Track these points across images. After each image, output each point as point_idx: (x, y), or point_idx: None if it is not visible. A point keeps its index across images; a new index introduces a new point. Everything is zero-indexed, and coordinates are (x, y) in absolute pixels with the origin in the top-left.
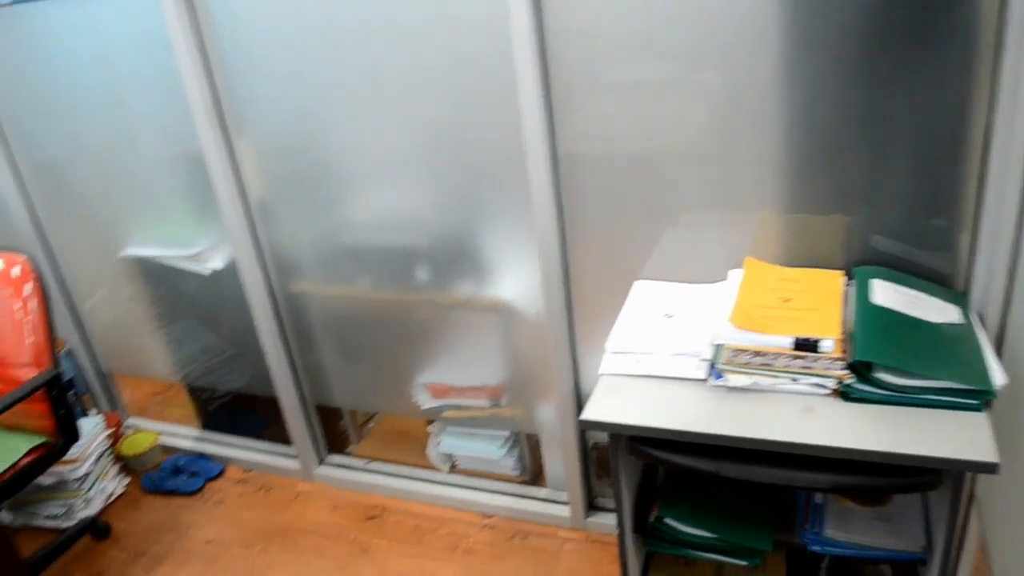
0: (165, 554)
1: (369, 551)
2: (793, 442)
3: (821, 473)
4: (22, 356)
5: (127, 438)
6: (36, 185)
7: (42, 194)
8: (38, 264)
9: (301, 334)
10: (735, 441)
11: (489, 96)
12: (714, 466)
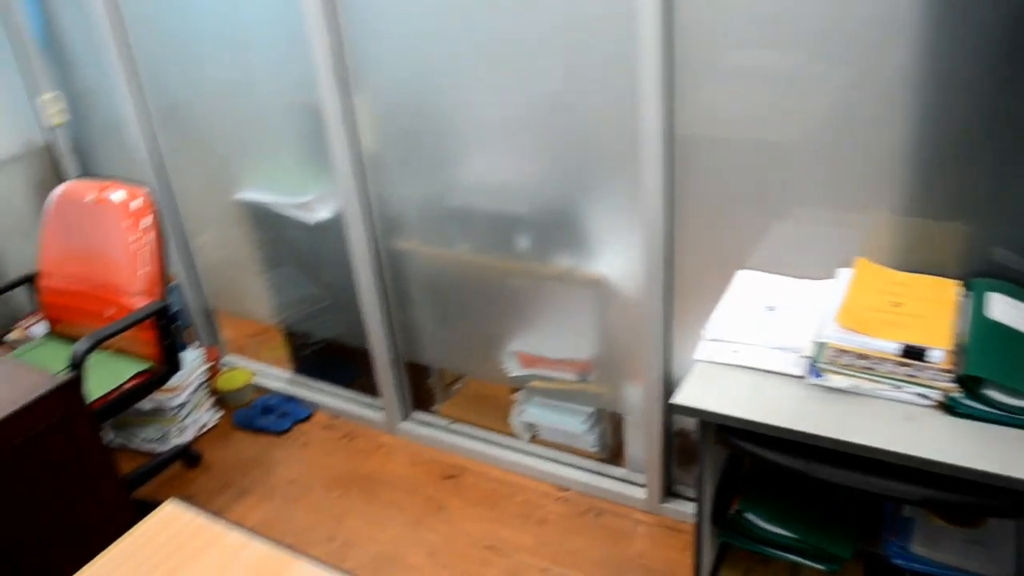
0: (250, 487)
1: (444, 509)
2: (892, 451)
3: (916, 486)
4: (135, 285)
5: (223, 374)
6: (161, 124)
7: (166, 133)
8: (157, 199)
9: (398, 291)
10: (830, 443)
11: (608, 69)
12: (805, 466)
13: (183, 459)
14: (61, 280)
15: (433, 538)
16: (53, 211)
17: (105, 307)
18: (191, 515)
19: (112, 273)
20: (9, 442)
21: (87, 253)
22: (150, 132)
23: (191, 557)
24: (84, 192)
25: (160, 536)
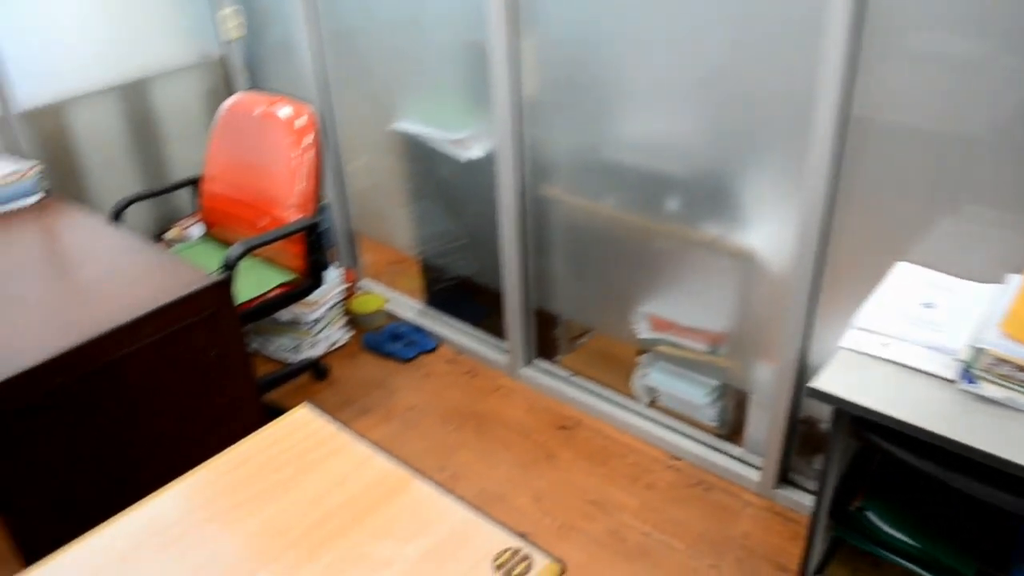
0: (371, 408)
1: (554, 458)
2: None
3: None
4: (290, 199)
5: (358, 296)
6: (331, 48)
7: (335, 57)
8: (320, 119)
9: (539, 238)
10: (979, 455)
11: (788, 37)
12: (943, 473)
13: (312, 371)
14: (222, 186)
15: (540, 484)
16: (223, 120)
17: (260, 217)
18: (322, 422)
19: (270, 185)
20: (163, 329)
21: (249, 164)
22: (320, 55)
23: (318, 461)
24: (253, 105)
25: (292, 437)
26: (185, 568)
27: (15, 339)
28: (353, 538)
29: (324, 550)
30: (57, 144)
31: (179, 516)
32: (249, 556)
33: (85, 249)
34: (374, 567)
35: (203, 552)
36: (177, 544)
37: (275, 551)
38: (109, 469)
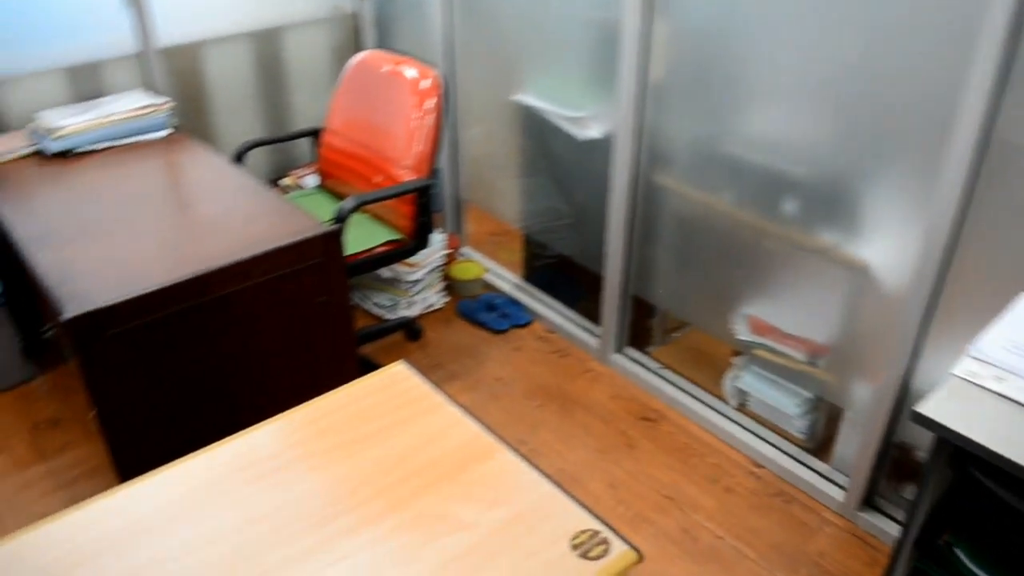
0: (459, 374)
1: (634, 448)
2: None
3: None
4: (406, 160)
5: (458, 263)
6: (461, 13)
7: (463, 23)
8: (444, 83)
9: (646, 225)
10: None
11: (932, 45)
12: None
13: (406, 331)
14: (341, 140)
15: (617, 472)
16: (350, 75)
17: (374, 174)
18: (417, 381)
19: (389, 144)
20: (273, 271)
21: (370, 121)
22: (449, 19)
23: (410, 418)
24: (381, 63)
25: (387, 391)
26: (273, 502)
27: (136, 264)
28: (436, 497)
29: (407, 504)
30: (189, 83)
31: (272, 453)
32: (335, 500)
33: (207, 186)
34: (454, 528)
35: (292, 490)
36: (267, 479)
37: (360, 499)
38: (208, 399)
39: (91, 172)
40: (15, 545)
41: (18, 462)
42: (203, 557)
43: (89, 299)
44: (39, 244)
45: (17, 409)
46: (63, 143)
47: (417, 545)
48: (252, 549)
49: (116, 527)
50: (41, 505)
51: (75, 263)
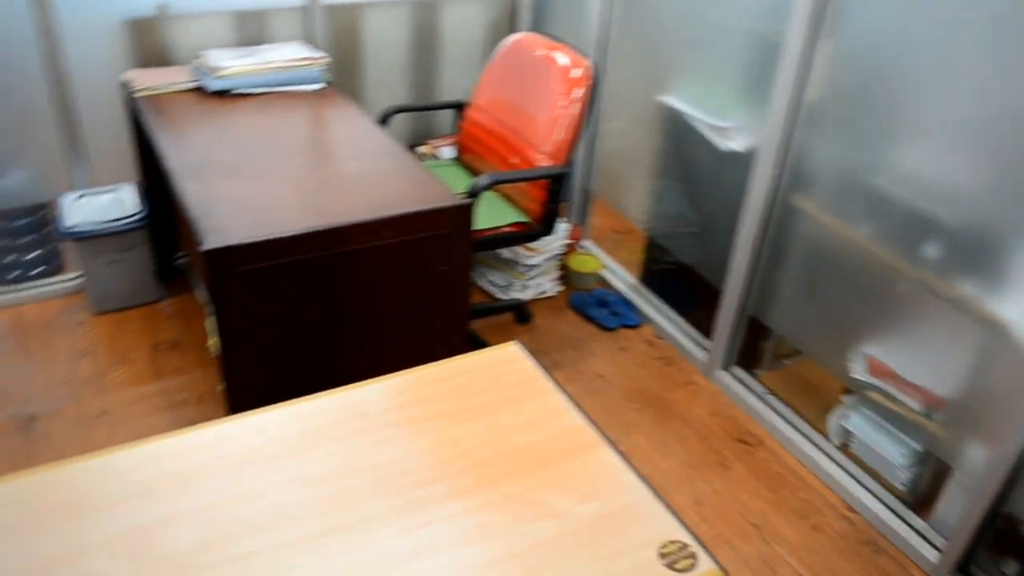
0: (561, 364)
1: (726, 468)
2: None
3: None
4: (545, 145)
5: (578, 255)
6: (620, 6)
7: (621, 16)
8: (596, 74)
9: (775, 245)
10: None
11: None
12: None
13: (516, 313)
14: (485, 117)
15: (705, 489)
16: (503, 55)
17: (512, 154)
18: (529, 363)
19: (530, 127)
20: (403, 234)
21: (516, 102)
22: (608, 11)
23: (516, 399)
24: (535, 46)
25: (497, 369)
26: (372, 458)
27: (274, 208)
28: (531, 481)
29: (501, 482)
30: (347, 41)
31: (378, 410)
32: (432, 465)
33: (350, 143)
34: (544, 514)
35: (392, 449)
36: (370, 435)
37: (456, 468)
38: (321, 349)
39: (245, 114)
40: (126, 456)
41: (136, 377)
42: (300, 497)
43: (228, 234)
44: (188, 175)
45: (142, 327)
46: (223, 83)
47: (505, 524)
48: (346, 499)
49: (221, 454)
50: (149, 420)
51: (219, 198)
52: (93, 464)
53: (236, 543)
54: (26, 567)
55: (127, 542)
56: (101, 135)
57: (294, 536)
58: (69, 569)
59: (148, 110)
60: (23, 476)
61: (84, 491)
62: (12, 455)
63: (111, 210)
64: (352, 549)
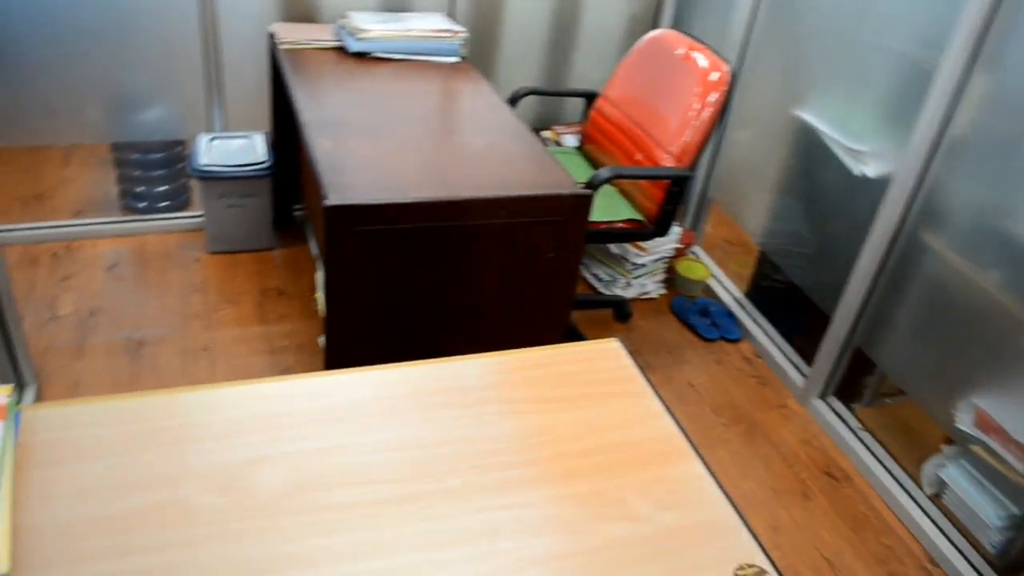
0: (654, 367)
1: (809, 500)
2: None
3: None
4: (672, 146)
5: (686, 260)
6: (765, 13)
7: (765, 23)
8: (733, 80)
9: (895, 279)
10: None
11: None
12: None
13: (616, 310)
14: (614, 110)
15: (784, 517)
16: (641, 49)
17: (637, 151)
18: (628, 362)
19: (659, 126)
20: (519, 216)
21: (648, 98)
22: (753, 16)
23: (610, 395)
24: (676, 44)
25: (595, 363)
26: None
27: (398, 173)
28: (616, 480)
29: (585, 477)
30: (486, 18)
31: (473, 386)
32: (519, 449)
33: (478, 119)
34: (622, 516)
35: (482, 426)
36: (462, 409)
37: (542, 455)
38: (423, 318)
39: (380, 78)
40: (228, 393)
41: (241, 318)
42: (385, 459)
43: (352, 192)
44: (320, 130)
45: (253, 271)
46: (364, 45)
47: (582, 519)
48: (430, 468)
49: (317, 406)
50: (248, 361)
51: (347, 157)
52: (197, 396)
53: (320, 494)
54: (122, 483)
55: (219, 475)
56: (241, 83)
57: (375, 496)
58: (162, 492)
59: (289, 63)
60: (131, 397)
61: (185, 420)
62: (118, 375)
63: (240, 155)
64: (428, 518)
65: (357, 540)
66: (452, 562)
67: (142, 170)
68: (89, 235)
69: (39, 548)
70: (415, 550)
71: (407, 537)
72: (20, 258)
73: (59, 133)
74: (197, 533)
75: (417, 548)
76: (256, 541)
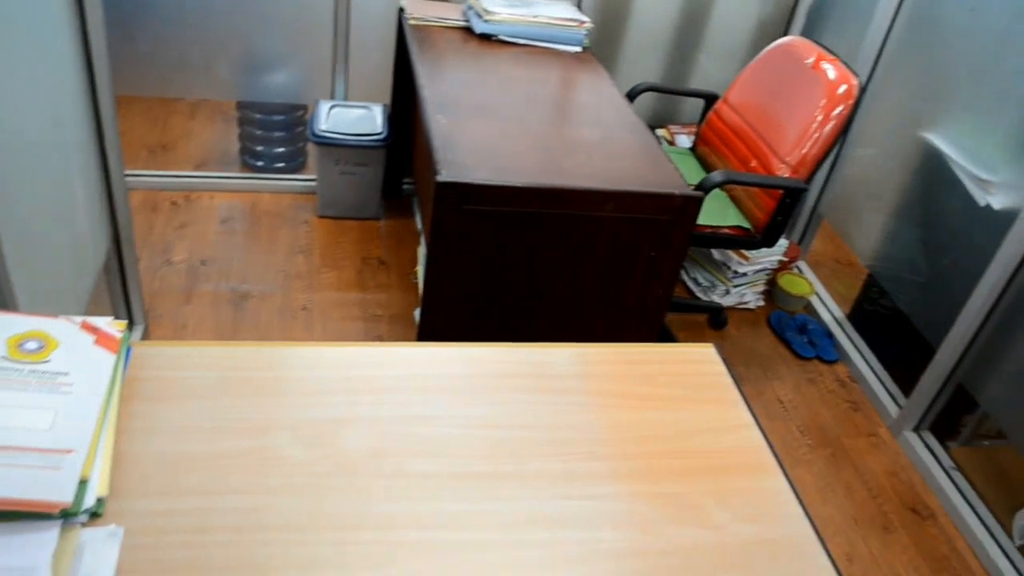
0: (744, 379)
1: (889, 533)
2: None
3: None
4: (790, 156)
5: (790, 275)
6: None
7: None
8: (860, 95)
9: (1010, 317)
10: None
11: None
12: None
13: (711, 316)
14: (733, 114)
15: (861, 548)
16: (769, 55)
17: (752, 158)
18: (722, 370)
19: (779, 135)
20: (625, 211)
21: (770, 105)
22: (887, 31)
23: (700, 400)
24: (806, 53)
25: (688, 367)
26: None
27: (511, 156)
28: (696, 485)
29: (665, 478)
30: (613, 10)
31: (562, 374)
32: (601, 442)
33: (595, 110)
34: (698, 522)
35: (566, 414)
36: (548, 395)
37: (624, 452)
38: (518, 302)
39: (503, 61)
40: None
41: (342, 283)
42: (468, 435)
43: (464, 171)
44: (439, 107)
45: (357, 239)
46: (490, 27)
47: (657, 520)
48: (511, 449)
49: (405, 375)
50: (343, 325)
51: (463, 135)
52: (296, 352)
53: (402, 460)
54: (217, 425)
55: (309, 431)
56: (365, 55)
57: (455, 469)
58: (254, 439)
59: (415, 39)
60: (234, 345)
61: (282, 373)
62: (221, 324)
63: (358, 124)
64: (505, 498)
65: (435, 509)
66: (526, 544)
67: (263, 130)
68: (207, 188)
69: (136, 478)
70: (491, 527)
71: (484, 513)
72: (142, 203)
73: (189, 87)
74: (282, 482)
75: (493, 525)
76: (337, 497)
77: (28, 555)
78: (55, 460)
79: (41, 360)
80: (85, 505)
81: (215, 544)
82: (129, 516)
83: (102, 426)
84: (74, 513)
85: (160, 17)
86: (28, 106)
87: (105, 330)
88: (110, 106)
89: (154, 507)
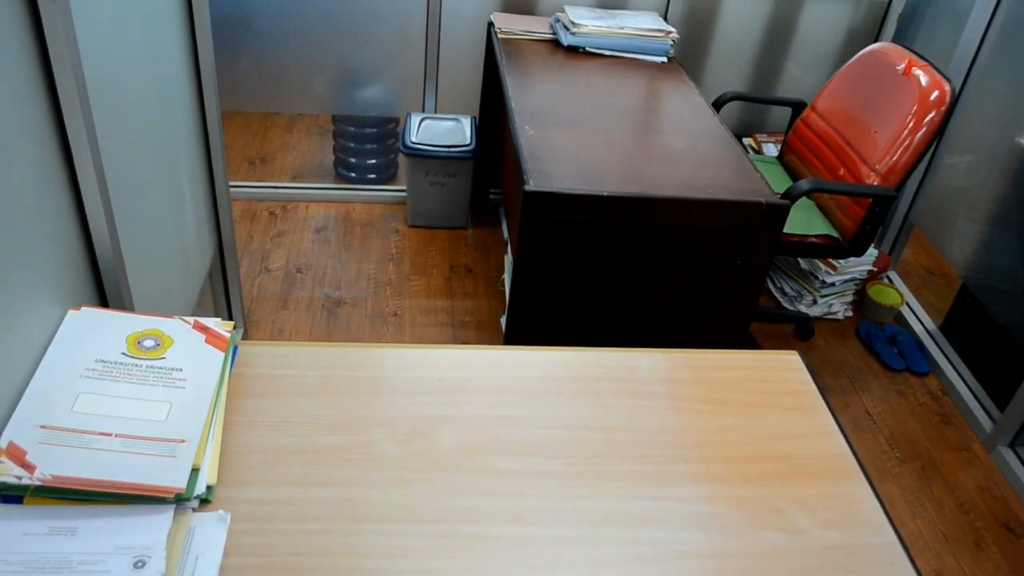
0: (831, 390)
1: (981, 550)
2: None
3: None
4: (879, 164)
5: (879, 285)
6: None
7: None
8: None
9: None
10: None
11: None
12: None
13: (798, 326)
14: (821, 122)
15: (951, 564)
16: (859, 62)
17: (840, 166)
18: (806, 377)
19: (868, 142)
20: (710, 220)
21: (860, 112)
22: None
23: (785, 407)
24: (897, 59)
25: (773, 374)
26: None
27: (597, 166)
28: (778, 490)
29: (748, 482)
30: (699, 20)
31: (645, 378)
32: (685, 445)
33: (680, 120)
34: (780, 526)
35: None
36: (631, 398)
37: (708, 456)
38: (602, 308)
39: (589, 72)
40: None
41: (430, 290)
42: (553, 436)
43: (552, 180)
44: (527, 119)
45: (446, 248)
46: (577, 39)
47: (739, 523)
48: (594, 450)
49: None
50: (431, 330)
51: (551, 146)
52: (391, 353)
53: (491, 458)
54: (316, 421)
55: (401, 427)
56: (456, 68)
57: (542, 468)
58: (350, 434)
59: (504, 52)
60: (333, 346)
61: (378, 373)
62: (315, 328)
63: (448, 136)
64: (590, 497)
65: (521, 506)
66: (610, 542)
67: (356, 142)
68: (303, 198)
69: (241, 468)
70: (576, 525)
71: (569, 511)
72: (243, 213)
73: (288, 102)
74: (376, 476)
75: (578, 523)
76: (428, 492)
77: (146, 535)
78: (170, 449)
79: (158, 357)
80: (197, 491)
81: (313, 532)
82: (235, 503)
83: (212, 419)
84: (187, 498)
85: (262, 38)
86: (147, 123)
87: (215, 330)
88: (217, 121)
89: (258, 496)
